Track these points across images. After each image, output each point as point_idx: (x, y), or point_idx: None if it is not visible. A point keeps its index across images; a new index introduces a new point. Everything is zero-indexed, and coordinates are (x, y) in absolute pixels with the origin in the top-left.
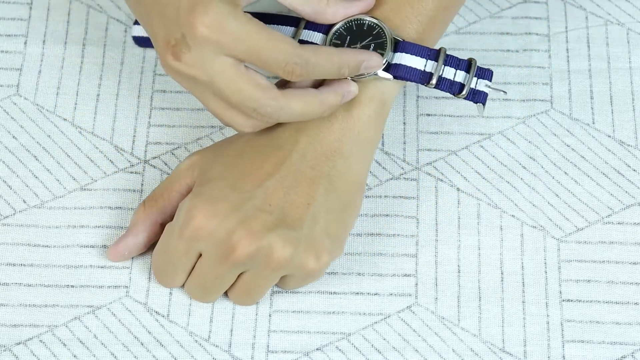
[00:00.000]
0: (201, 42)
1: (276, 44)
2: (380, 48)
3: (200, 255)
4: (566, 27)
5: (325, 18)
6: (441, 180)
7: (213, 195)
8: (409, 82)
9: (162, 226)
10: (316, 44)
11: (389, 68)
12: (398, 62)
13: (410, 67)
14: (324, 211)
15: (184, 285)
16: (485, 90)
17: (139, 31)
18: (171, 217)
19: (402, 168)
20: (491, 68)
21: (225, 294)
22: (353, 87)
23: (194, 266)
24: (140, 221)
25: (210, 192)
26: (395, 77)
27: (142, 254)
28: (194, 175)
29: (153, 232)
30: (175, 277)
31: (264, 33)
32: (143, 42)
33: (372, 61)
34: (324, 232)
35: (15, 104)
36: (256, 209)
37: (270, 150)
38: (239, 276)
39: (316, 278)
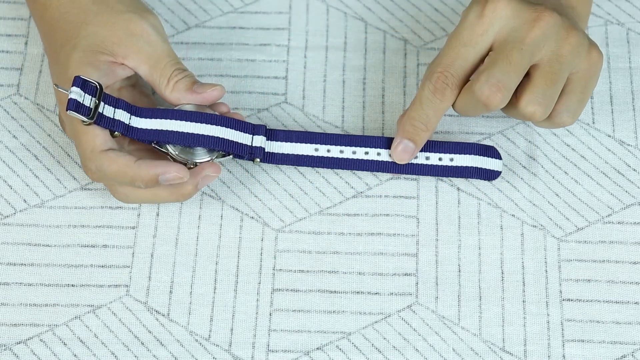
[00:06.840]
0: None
1: (83, 140)
2: None
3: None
4: None
5: (169, 101)
6: (441, 179)
7: None
8: (410, 83)
9: None
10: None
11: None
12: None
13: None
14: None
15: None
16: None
17: None
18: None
19: None
20: None
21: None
22: (171, 175)
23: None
24: None
25: None
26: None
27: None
28: None
29: None
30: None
31: (79, 128)
32: None
33: (169, 174)
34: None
35: (15, 103)
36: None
37: None
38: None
39: (596, 75)
